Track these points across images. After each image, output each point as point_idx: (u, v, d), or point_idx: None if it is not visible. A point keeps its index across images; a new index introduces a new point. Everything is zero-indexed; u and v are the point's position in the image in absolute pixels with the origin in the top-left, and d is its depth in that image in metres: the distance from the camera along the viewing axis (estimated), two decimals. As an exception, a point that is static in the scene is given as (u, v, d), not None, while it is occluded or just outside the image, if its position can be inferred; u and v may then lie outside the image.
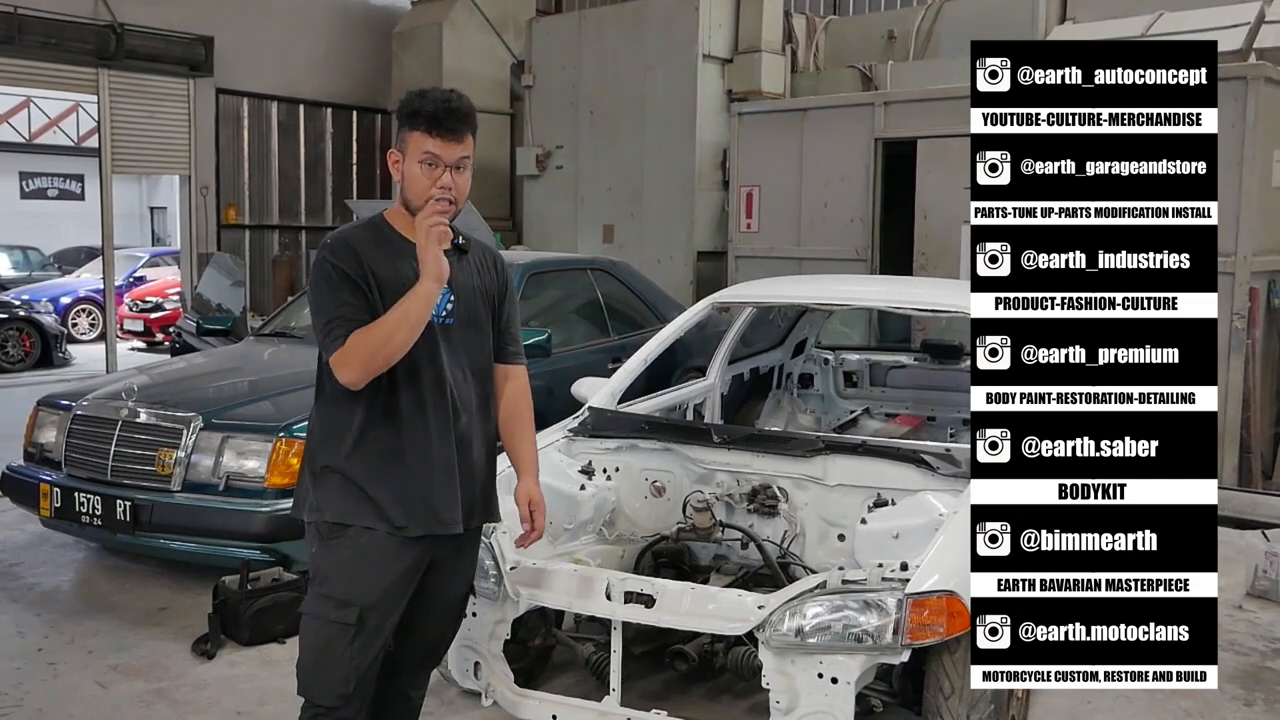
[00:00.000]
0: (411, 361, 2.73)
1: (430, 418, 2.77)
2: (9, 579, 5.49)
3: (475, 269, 2.94)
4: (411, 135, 2.74)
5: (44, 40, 12.10)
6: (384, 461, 2.75)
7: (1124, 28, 9.09)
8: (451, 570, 2.95)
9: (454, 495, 2.82)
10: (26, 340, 13.18)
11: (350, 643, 2.72)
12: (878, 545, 3.58)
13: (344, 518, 2.75)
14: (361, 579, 2.73)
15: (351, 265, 2.72)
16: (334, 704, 2.75)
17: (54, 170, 26.86)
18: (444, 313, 2.81)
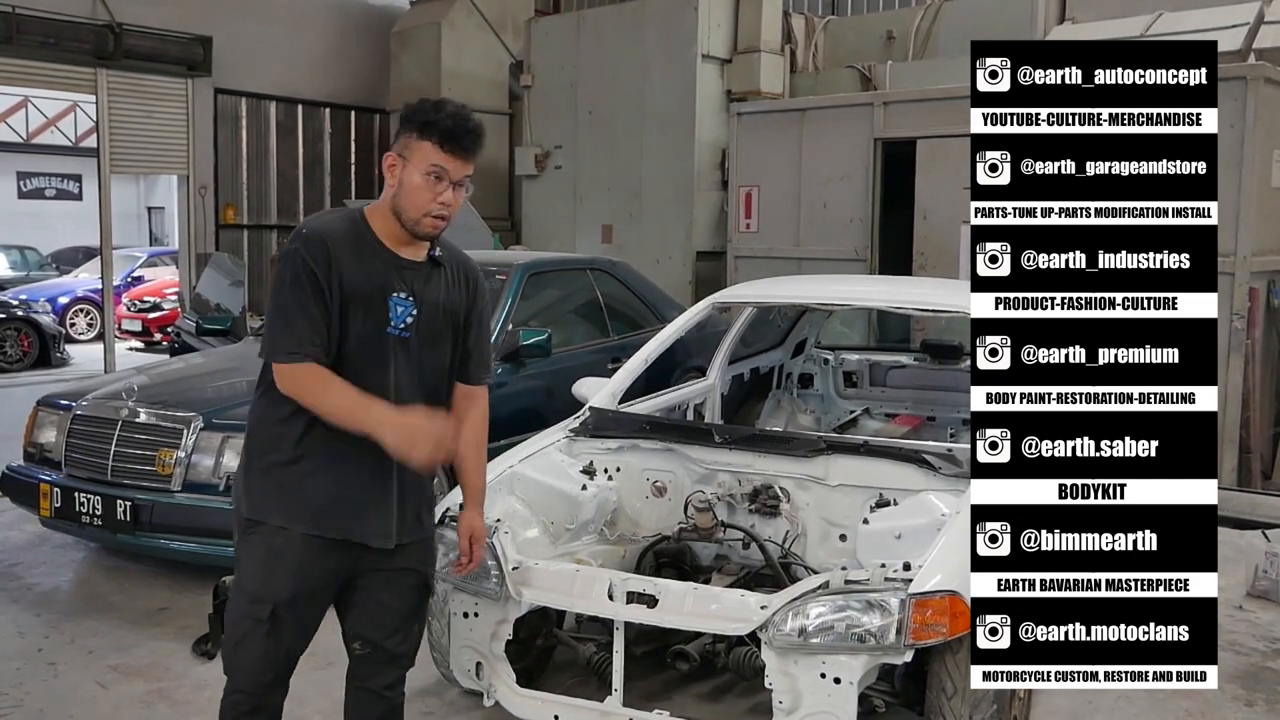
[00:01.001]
0: (358, 370, 2.70)
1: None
2: (9, 579, 5.49)
3: (446, 284, 2.87)
4: (421, 145, 2.70)
5: (42, 40, 12.09)
6: (314, 464, 2.72)
7: (1123, 28, 9.10)
8: (392, 578, 2.87)
9: (385, 508, 2.79)
10: (24, 340, 13.17)
11: (265, 637, 2.73)
12: (880, 545, 3.58)
13: (257, 513, 2.75)
14: (273, 577, 2.73)
15: (321, 264, 2.67)
16: (255, 690, 2.80)
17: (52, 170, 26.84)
18: (403, 325, 2.76)
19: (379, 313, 2.73)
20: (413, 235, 2.77)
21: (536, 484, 4.04)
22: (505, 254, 8.96)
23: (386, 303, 2.73)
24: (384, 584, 2.88)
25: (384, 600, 2.89)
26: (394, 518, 2.81)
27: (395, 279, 2.76)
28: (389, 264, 2.75)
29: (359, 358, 2.71)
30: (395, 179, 2.74)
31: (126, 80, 12.98)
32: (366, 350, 2.72)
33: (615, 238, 12.03)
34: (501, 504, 3.92)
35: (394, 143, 2.80)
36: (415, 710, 4.04)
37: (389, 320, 2.74)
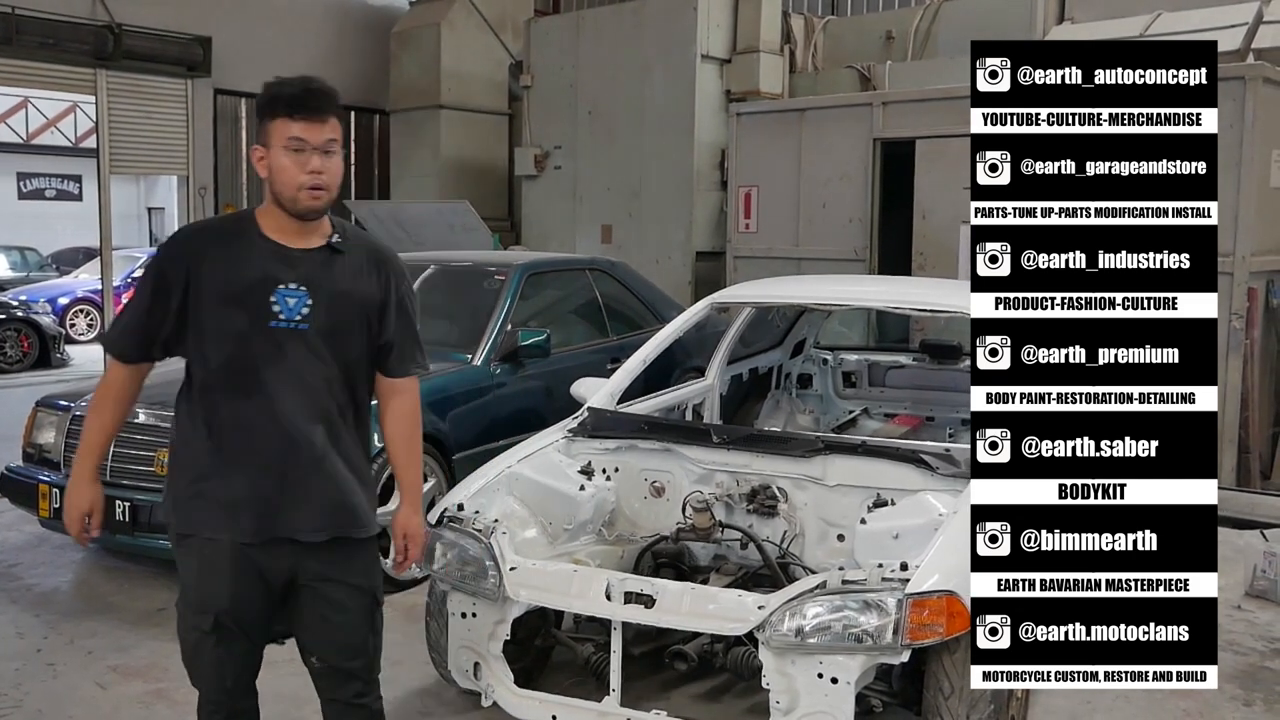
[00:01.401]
0: (241, 366, 2.67)
1: (270, 424, 2.68)
2: (8, 580, 5.49)
3: (351, 272, 2.78)
4: (274, 123, 2.64)
5: (41, 40, 12.10)
6: (228, 468, 2.70)
7: (1122, 28, 9.10)
8: (331, 580, 2.81)
9: (301, 503, 2.72)
10: (25, 341, 13.17)
11: (215, 646, 2.75)
12: (877, 545, 3.58)
13: (185, 527, 2.75)
14: (208, 587, 2.73)
15: (175, 262, 2.70)
16: (220, 699, 2.83)
17: (52, 171, 26.86)
18: (298, 317, 2.69)
19: (261, 307, 2.66)
20: (296, 215, 2.70)
21: (535, 484, 4.04)
22: (504, 254, 8.97)
23: (270, 296, 2.67)
24: (329, 601, 2.82)
25: (331, 619, 2.84)
26: (319, 511, 2.75)
27: (282, 270, 2.69)
28: (274, 256, 2.70)
29: (241, 354, 2.67)
30: (265, 169, 2.69)
31: (126, 81, 12.99)
32: (249, 345, 2.66)
33: (615, 238, 12.03)
34: (500, 504, 3.92)
35: (256, 138, 2.73)
36: (413, 710, 4.05)
37: (274, 313, 2.67)
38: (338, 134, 2.70)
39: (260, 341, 2.67)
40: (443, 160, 14.16)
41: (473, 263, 7.10)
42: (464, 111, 14.38)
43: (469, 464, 4.93)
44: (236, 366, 2.67)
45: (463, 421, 5.66)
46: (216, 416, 2.71)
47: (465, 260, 7.20)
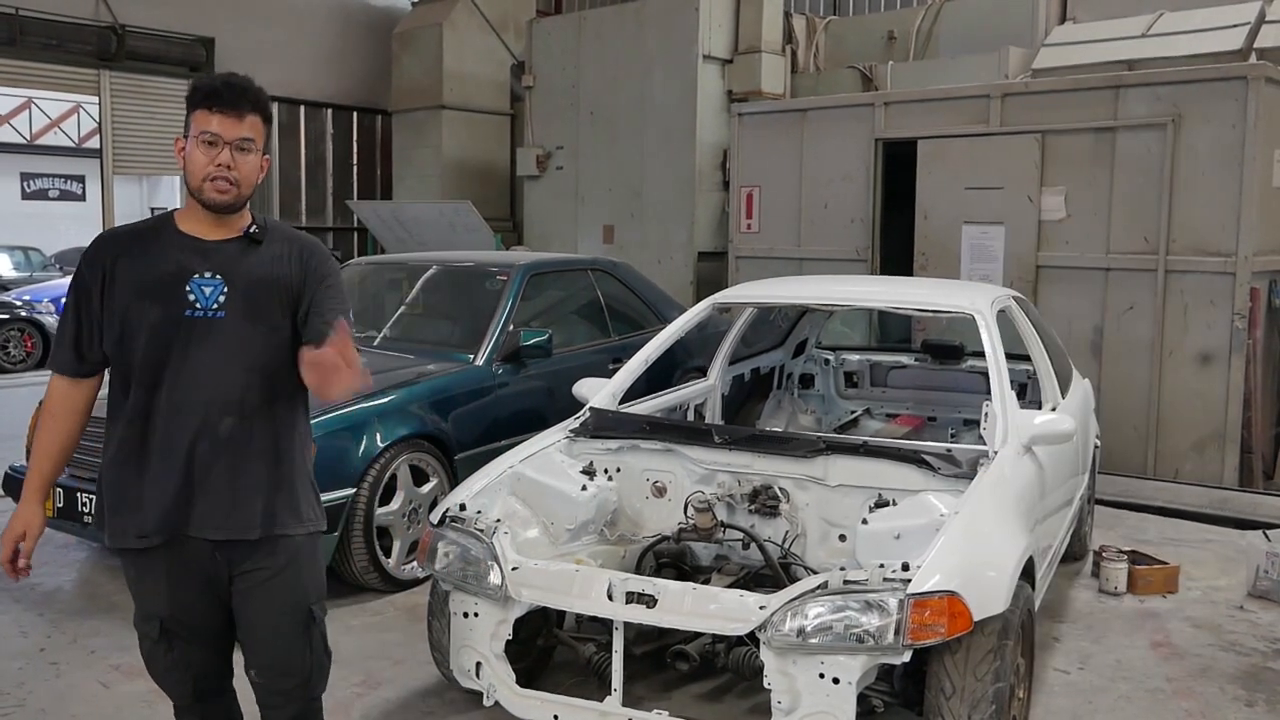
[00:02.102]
0: (156, 359, 2.64)
1: (179, 418, 2.63)
2: (11, 579, 5.49)
3: (268, 260, 2.74)
4: (194, 115, 2.65)
5: (45, 41, 12.14)
6: (130, 471, 2.67)
7: (1124, 28, 9.10)
8: (264, 588, 2.74)
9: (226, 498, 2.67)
10: (28, 341, 13.20)
11: (166, 652, 2.78)
12: (879, 546, 3.58)
13: (115, 540, 2.74)
14: (148, 594, 2.75)
15: (92, 267, 2.69)
16: (188, 703, 2.87)
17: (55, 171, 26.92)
18: (213, 305, 2.65)
19: (174, 299, 2.64)
20: (207, 207, 2.69)
21: (536, 484, 4.04)
22: (506, 254, 8.97)
23: (184, 287, 2.65)
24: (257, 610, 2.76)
25: (259, 629, 2.78)
26: (231, 508, 2.68)
27: (196, 262, 2.67)
28: (188, 249, 2.68)
29: (156, 347, 2.64)
30: (182, 160, 2.69)
31: (129, 81, 13.02)
32: (160, 338, 2.63)
33: (616, 238, 12.04)
34: (502, 504, 3.93)
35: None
36: (416, 710, 4.06)
37: (190, 303, 2.64)
38: (256, 132, 2.68)
39: (176, 332, 2.64)
40: (445, 160, 14.17)
41: (475, 263, 7.10)
42: (466, 112, 14.39)
43: (471, 464, 4.94)
44: (152, 359, 2.64)
45: (465, 421, 5.67)
46: (134, 411, 2.67)
47: (467, 260, 7.21)
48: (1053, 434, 4.08)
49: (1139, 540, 6.22)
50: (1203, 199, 7.19)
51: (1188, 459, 7.34)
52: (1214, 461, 7.22)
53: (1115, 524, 6.64)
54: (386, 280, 7.27)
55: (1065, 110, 7.74)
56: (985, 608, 3.13)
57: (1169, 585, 5.44)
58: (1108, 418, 7.16)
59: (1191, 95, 7.23)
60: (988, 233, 8.08)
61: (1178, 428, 7.37)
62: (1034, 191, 7.84)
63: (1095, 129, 7.60)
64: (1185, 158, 7.25)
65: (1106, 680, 4.40)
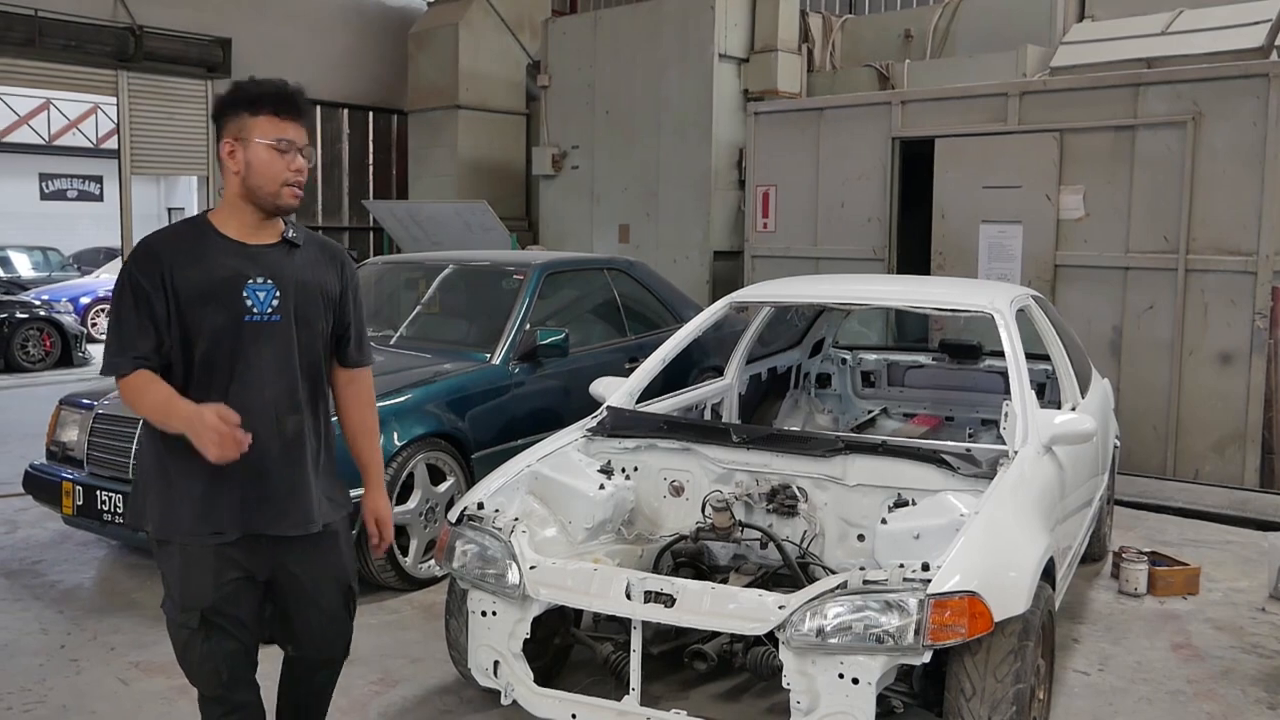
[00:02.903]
0: (219, 362, 2.71)
1: (247, 419, 2.65)
2: (32, 576, 5.53)
3: (309, 264, 2.86)
4: (258, 121, 2.70)
5: (64, 43, 12.21)
6: (194, 468, 2.68)
7: (1143, 25, 9.04)
8: (312, 569, 2.89)
9: (284, 496, 2.79)
10: (47, 340, 13.27)
11: (204, 642, 2.79)
12: (898, 545, 3.57)
13: (164, 532, 2.77)
14: (192, 586, 2.76)
15: (149, 274, 2.68)
16: (217, 693, 2.86)
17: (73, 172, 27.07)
18: (268, 310, 2.75)
19: (233, 303, 2.71)
20: (275, 211, 2.78)
21: (554, 483, 4.04)
22: (522, 254, 8.98)
23: (241, 292, 2.72)
24: (308, 592, 2.90)
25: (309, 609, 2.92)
26: (300, 503, 2.81)
27: (248, 266, 2.75)
28: (238, 255, 2.75)
29: (217, 351, 2.71)
30: (239, 163, 2.73)
31: (147, 82, 13.08)
32: (225, 342, 2.71)
33: (632, 237, 12.03)
34: (519, 503, 3.93)
35: (221, 132, 2.77)
36: (434, 708, 4.07)
37: (248, 308, 2.73)
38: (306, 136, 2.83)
39: (237, 337, 2.72)
40: (460, 160, 14.19)
41: (491, 262, 7.11)
42: (482, 111, 14.41)
43: (488, 463, 4.95)
44: (214, 363, 2.71)
45: (481, 420, 5.68)
46: None
47: (483, 260, 7.21)
48: (1073, 434, 4.06)
49: (1159, 541, 6.18)
50: (1223, 197, 7.15)
51: (1208, 459, 7.29)
52: (1234, 462, 7.18)
53: (1135, 525, 6.61)
54: (403, 280, 7.28)
55: (1084, 108, 7.70)
56: (1006, 608, 3.12)
57: (1189, 587, 5.41)
58: (1127, 418, 7.12)
59: (1212, 93, 7.19)
60: (1005, 232, 8.04)
61: (1198, 428, 7.33)
62: (1052, 190, 7.80)
63: (1114, 127, 7.56)
64: (1205, 156, 7.20)
65: (1127, 682, 4.37)
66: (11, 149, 25.14)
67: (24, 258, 20.41)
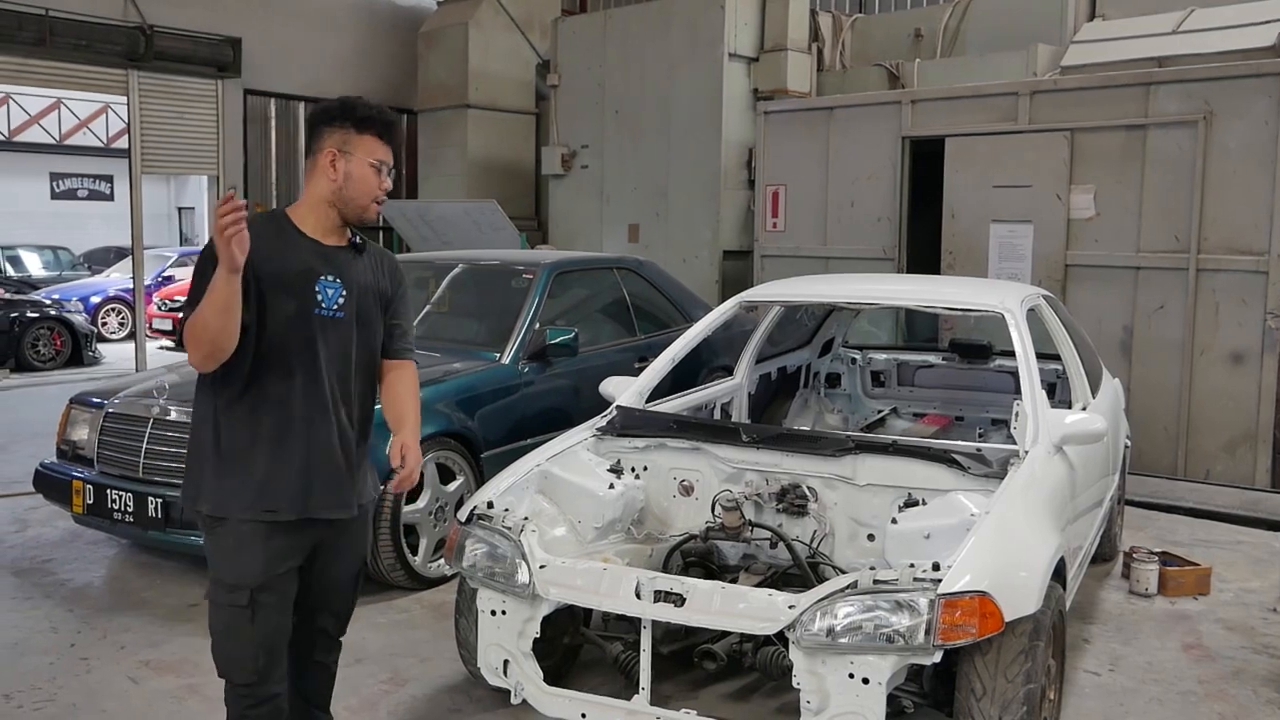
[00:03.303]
0: (287, 349, 2.87)
1: (308, 407, 2.89)
2: (42, 575, 5.55)
3: (371, 268, 3.08)
4: (363, 139, 2.93)
5: (74, 42, 12.23)
6: (255, 449, 2.87)
7: (1154, 24, 9.01)
8: (341, 550, 3.10)
9: (336, 482, 2.97)
10: (57, 339, 13.31)
11: (250, 622, 2.88)
12: (909, 545, 3.56)
13: (220, 510, 2.89)
14: (245, 564, 2.87)
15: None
16: (250, 680, 2.92)
17: (84, 171, 27.15)
18: (335, 306, 2.94)
19: (306, 296, 2.89)
20: (358, 222, 3.01)
21: (564, 482, 4.04)
22: (532, 253, 8.98)
23: (313, 286, 2.91)
24: (335, 570, 3.11)
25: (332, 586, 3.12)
26: (343, 486, 2.99)
27: (320, 264, 2.93)
28: (313, 252, 2.94)
29: (287, 338, 2.86)
30: (338, 173, 2.92)
31: (157, 81, 13.10)
32: (295, 331, 2.87)
33: (642, 237, 12.03)
34: (529, 502, 3.93)
35: (321, 140, 2.94)
36: (443, 707, 4.07)
37: (318, 302, 2.91)
38: None
39: (306, 328, 2.89)
40: (470, 160, 14.20)
41: (501, 262, 7.11)
42: (491, 111, 14.42)
43: (497, 462, 4.95)
44: (284, 349, 2.86)
45: (491, 420, 5.68)
46: (262, 399, 2.86)
47: (493, 259, 7.22)
48: (1084, 434, 4.05)
49: (1169, 541, 6.16)
50: (1234, 197, 7.12)
51: (1219, 460, 7.27)
52: (1245, 462, 7.15)
53: (1145, 525, 6.59)
54: (413, 279, 7.26)
55: (1095, 107, 7.68)
56: (1016, 608, 3.11)
57: (1200, 587, 5.39)
58: (1138, 418, 7.10)
59: (1223, 92, 7.17)
60: (1016, 231, 8.02)
61: (1208, 428, 7.30)
62: (1063, 190, 7.78)
63: (1125, 126, 7.53)
64: (1217, 155, 7.18)
65: (1137, 682, 4.36)
66: (22, 148, 25.21)
67: (35, 257, 20.47)
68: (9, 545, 6.02)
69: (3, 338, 12.85)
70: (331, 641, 3.26)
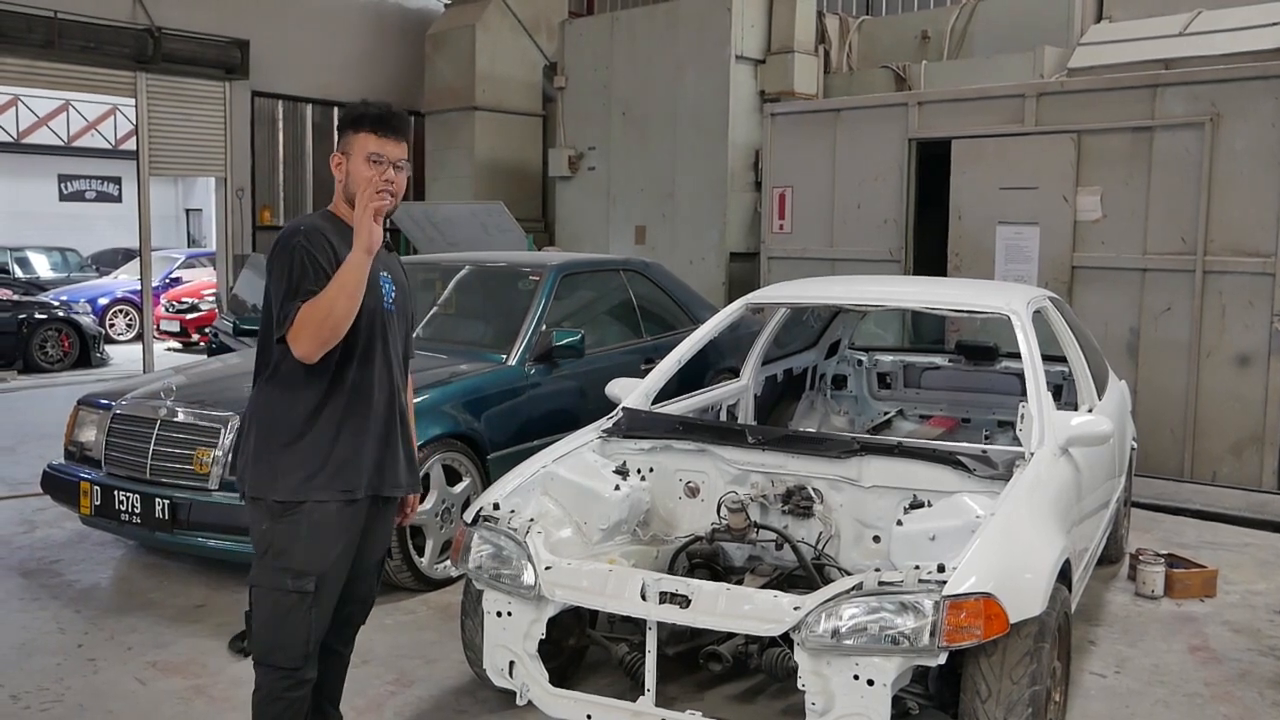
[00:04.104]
0: (366, 341, 3.04)
1: (379, 393, 3.08)
2: (50, 576, 5.57)
3: (398, 266, 3.31)
4: (358, 137, 3.04)
5: (83, 44, 12.27)
6: (337, 433, 3.00)
7: (1161, 26, 9.00)
8: (377, 533, 3.23)
9: (398, 462, 3.15)
10: (65, 340, 13.35)
11: (309, 609, 2.99)
12: (914, 547, 3.56)
13: (296, 494, 2.97)
14: (317, 550, 2.98)
15: (324, 252, 2.94)
16: (297, 664, 3.02)
17: (92, 173, 27.21)
18: (390, 300, 3.15)
19: (375, 290, 3.07)
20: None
21: (570, 484, 4.04)
22: (539, 255, 8.99)
23: (379, 281, 3.10)
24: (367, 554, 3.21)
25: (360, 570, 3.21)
26: (402, 467, 3.17)
27: (377, 262, 3.06)
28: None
29: (367, 331, 3.04)
30: (342, 173, 3.07)
31: (165, 83, 13.14)
32: (374, 324, 3.06)
33: (648, 239, 12.03)
34: (535, 504, 3.93)
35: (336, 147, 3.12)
36: (449, 708, 4.07)
37: (382, 296, 3.11)
38: (408, 155, 3.12)
39: (375, 320, 3.07)
40: (477, 161, 14.22)
41: (507, 263, 7.12)
42: (498, 113, 14.43)
43: (504, 464, 4.96)
44: (364, 340, 3.03)
45: (497, 421, 5.69)
46: (349, 386, 3.02)
47: (500, 261, 7.23)
48: (1090, 435, 4.05)
49: (1176, 543, 6.15)
50: (1241, 199, 7.11)
51: (1225, 462, 7.25)
52: (1252, 464, 7.14)
53: (1152, 527, 6.58)
54: (420, 280, 7.27)
55: (1101, 109, 7.67)
56: (1022, 610, 3.11)
57: (1206, 589, 5.38)
58: (1144, 420, 7.09)
59: (1230, 94, 7.15)
60: (1022, 233, 8.02)
61: (1215, 430, 7.29)
62: (1069, 191, 7.78)
63: (1132, 128, 7.52)
64: (1223, 157, 7.16)
65: (1143, 684, 4.35)
66: (31, 150, 25.28)
67: (43, 258, 20.51)
68: (17, 546, 6.04)
69: (11, 339, 12.89)
70: (352, 631, 3.35)
